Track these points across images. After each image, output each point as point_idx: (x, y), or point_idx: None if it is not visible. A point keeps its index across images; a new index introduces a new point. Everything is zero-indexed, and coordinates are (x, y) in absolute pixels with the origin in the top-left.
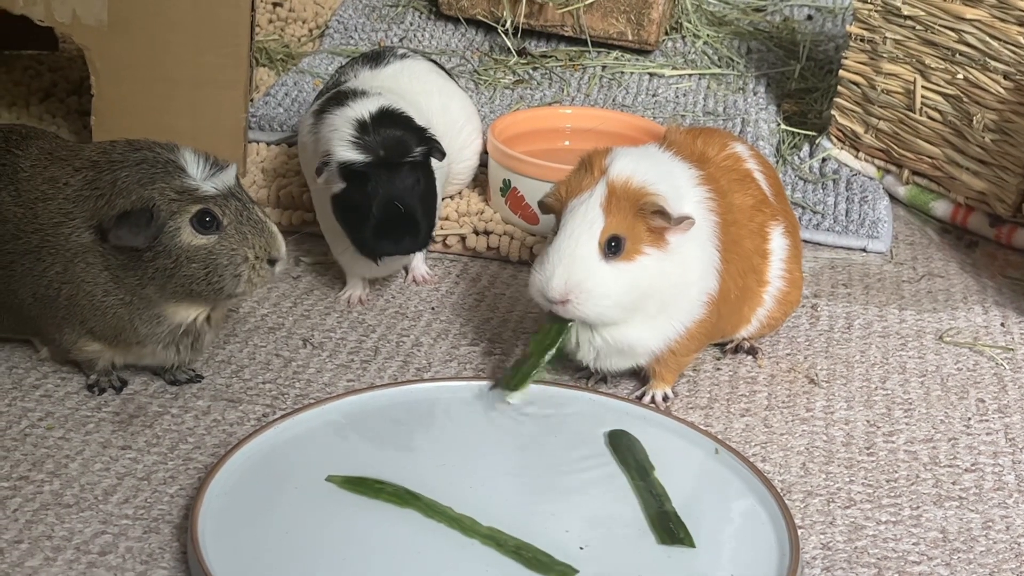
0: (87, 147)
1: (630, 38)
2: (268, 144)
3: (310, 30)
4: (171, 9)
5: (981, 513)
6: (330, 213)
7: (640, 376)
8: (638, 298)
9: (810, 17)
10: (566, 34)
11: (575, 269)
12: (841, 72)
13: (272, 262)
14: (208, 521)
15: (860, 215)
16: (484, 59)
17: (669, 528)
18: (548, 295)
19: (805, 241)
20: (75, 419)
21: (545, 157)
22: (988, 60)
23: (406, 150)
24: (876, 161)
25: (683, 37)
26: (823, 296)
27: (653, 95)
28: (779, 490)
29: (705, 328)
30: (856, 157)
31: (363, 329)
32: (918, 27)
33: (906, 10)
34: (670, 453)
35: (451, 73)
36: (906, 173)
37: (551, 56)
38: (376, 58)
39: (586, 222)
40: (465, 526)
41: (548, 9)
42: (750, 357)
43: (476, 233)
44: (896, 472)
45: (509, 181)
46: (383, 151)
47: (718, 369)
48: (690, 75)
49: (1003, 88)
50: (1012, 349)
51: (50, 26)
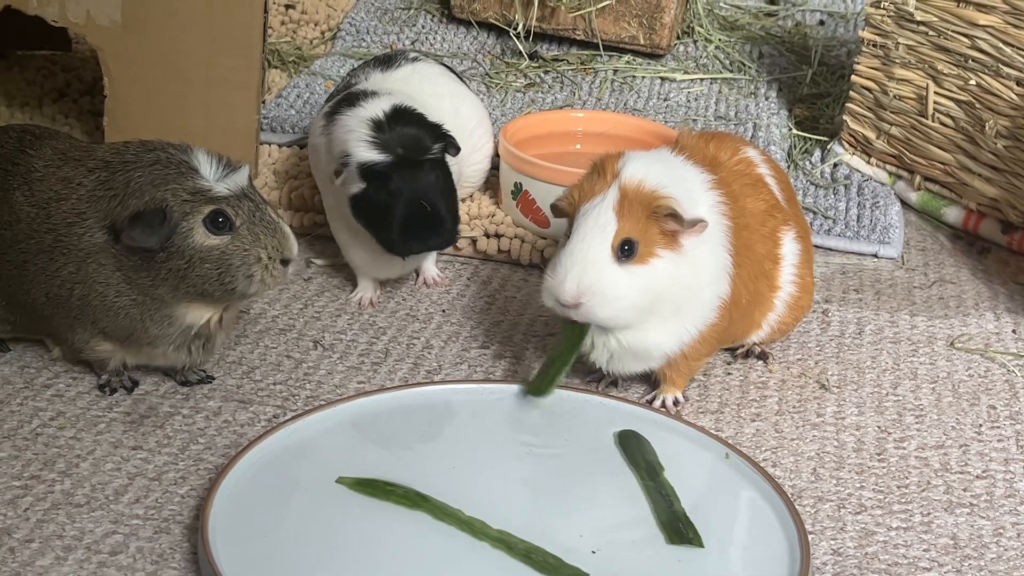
0: (100, 147)
1: (642, 42)
2: (280, 146)
3: (322, 32)
4: (184, 10)
5: (992, 520)
6: (341, 215)
7: (651, 380)
8: (651, 301)
9: (822, 22)
10: (578, 38)
11: (587, 272)
12: (853, 77)
13: (285, 262)
14: (219, 522)
15: (872, 220)
16: (496, 62)
17: (678, 528)
18: (560, 298)
19: (816, 246)
20: (86, 419)
21: (556, 161)
22: (1001, 66)
23: (425, 147)
24: (888, 167)
25: (695, 41)
26: (834, 301)
27: (665, 99)
28: (790, 495)
29: (717, 332)
30: (868, 162)
31: (374, 331)
32: (931, 33)
33: (919, 16)
34: (681, 457)
35: (462, 76)
36: (918, 179)
37: (563, 60)
38: (387, 61)
39: (599, 225)
40: (475, 529)
41: (560, 13)
42: (761, 362)
43: (487, 236)
44: (907, 478)
45: (520, 184)
46: (402, 149)
47: (729, 374)
48: (702, 79)
49: (1016, 94)
50: (1023, 356)
51: (64, 26)
